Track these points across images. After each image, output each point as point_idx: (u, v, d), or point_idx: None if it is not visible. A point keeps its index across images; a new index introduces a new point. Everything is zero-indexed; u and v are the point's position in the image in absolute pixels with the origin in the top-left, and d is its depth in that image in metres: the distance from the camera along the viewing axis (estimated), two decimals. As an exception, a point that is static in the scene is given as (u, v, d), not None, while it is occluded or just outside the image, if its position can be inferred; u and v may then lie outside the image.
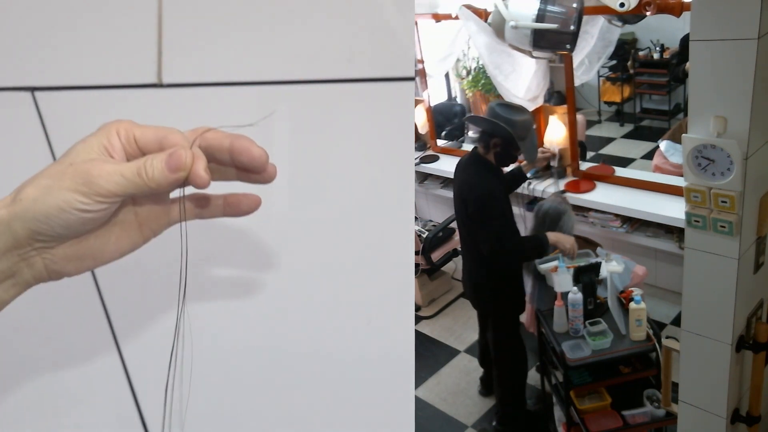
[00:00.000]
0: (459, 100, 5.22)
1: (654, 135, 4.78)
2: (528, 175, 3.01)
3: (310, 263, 0.84)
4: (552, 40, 2.49)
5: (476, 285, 2.66)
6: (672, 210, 2.88)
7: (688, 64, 1.41)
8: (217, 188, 0.51)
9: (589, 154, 4.70)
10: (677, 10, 2.24)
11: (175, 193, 0.50)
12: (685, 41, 1.30)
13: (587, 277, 2.39)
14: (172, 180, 0.44)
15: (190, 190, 0.49)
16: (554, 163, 3.22)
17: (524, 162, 2.75)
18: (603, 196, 3.20)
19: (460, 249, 2.99)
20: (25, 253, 0.44)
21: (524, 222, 3.29)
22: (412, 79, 0.82)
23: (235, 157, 0.47)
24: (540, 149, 2.86)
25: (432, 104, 4.23)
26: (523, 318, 2.89)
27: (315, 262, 0.84)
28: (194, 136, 0.47)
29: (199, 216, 0.51)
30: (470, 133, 2.55)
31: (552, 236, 2.47)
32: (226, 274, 0.84)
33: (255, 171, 0.48)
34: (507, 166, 2.56)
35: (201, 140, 0.47)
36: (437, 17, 3.53)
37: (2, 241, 0.42)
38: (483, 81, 5.02)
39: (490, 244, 2.37)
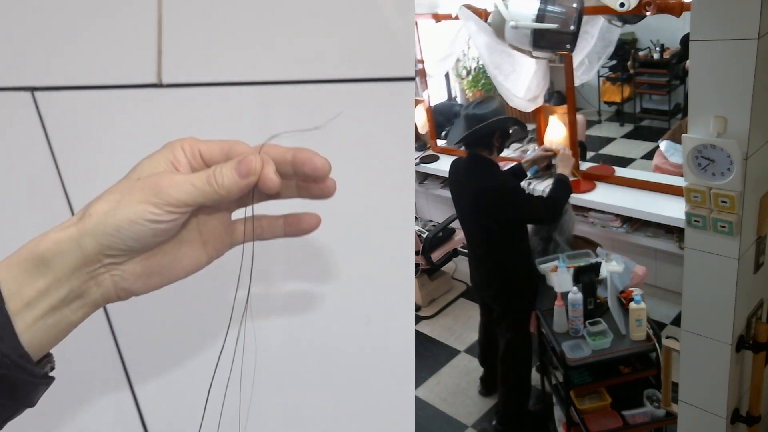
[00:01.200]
0: (459, 100, 5.22)
1: (654, 135, 4.78)
2: (528, 174, 3.02)
3: (309, 263, 0.84)
4: (552, 40, 2.49)
5: (496, 284, 2.68)
6: (672, 210, 2.88)
7: (688, 61, 1.41)
8: (276, 209, 0.52)
9: (589, 154, 4.70)
10: (677, 10, 2.24)
11: (238, 214, 0.51)
12: (686, 40, 1.30)
13: (587, 277, 2.39)
14: (243, 186, 0.44)
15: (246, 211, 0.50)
16: (556, 162, 3.23)
17: (524, 159, 2.79)
18: (603, 196, 3.20)
19: (462, 249, 3.00)
20: (94, 270, 0.43)
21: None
22: (412, 79, 0.82)
23: (298, 168, 0.47)
24: (542, 147, 2.87)
25: (432, 104, 4.23)
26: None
27: (315, 262, 0.84)
28: (257, 149, 0.48)
29: (259, 237, 0.52)
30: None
31: (561, 169, 2.68)
32: (224, 273, 0.84)
33: (318, 181, 0.49)
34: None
35: (264, 153, 0.47)
36: (437, 17, 3.53)
37: (72, 258, 0.42)
38: (483, 81, 5.02)
39: (544, 213, 2.55)
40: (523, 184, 3.14)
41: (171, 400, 0.86)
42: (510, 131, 2.59)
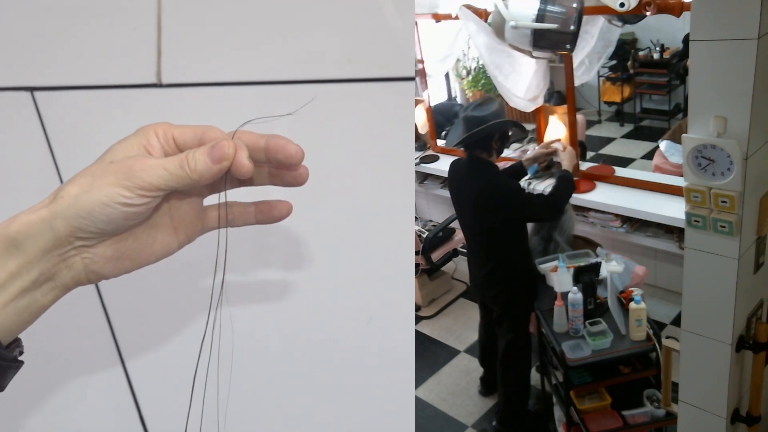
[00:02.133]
0: (459, 100, 5.22)
1: (654, 135, 4.78)
2: (528, 174, 3.02)
3: (310, 263, 0.84)
4: (552, 40, 2.49)
5: (496, 285, 2.68)
6: (672, 210, 2.88)
7: (688, 60, 1.41)
8: (247, 196, 0.52)
9: (589, 154, 4.70)
10: (677, 10, 2.24)
11: (211, 201, 0.51)
12: (687, 39, 1.30)
13: (587, 277, 2.38)
14: (215, 171, 0.45)
15: (215, 198, 0.50)
16: (557, 159, 3.23)
17: (525, 157, 2.78)
18: (603, 196, 3.20)
19: (462, 249, 3.00)
20: (65, 253, 0.44)
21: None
22: (412, 79, 0.82)
23: (271, 155, 0.47)
24: (542, 144, 2.87)
25: (432, 104, 4.23)
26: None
27: (315, 262, 0.84)
28: (230, 135, 0.48)
29: (231, 223, 0.52)
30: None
31: (566, 165, 2.64)
32: (226, 274, 0.84)
33: (291, 168, 0.49)
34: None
35: (237, 138, 0.47)
36: (437, 17, 3.53)
37: (43, 240, 0.42)
38: (483, 81, 5.03)
39: (545, 212, 2.53)
40: (523, 184, 3.14)
41: (163, 383, 0.86)
42: (509, 133, 2.59)
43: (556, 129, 3.36)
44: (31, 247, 0.42)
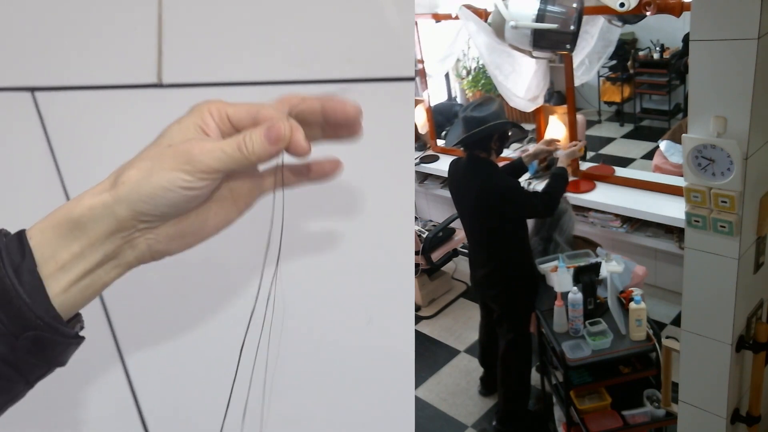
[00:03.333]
0: (459, 100, 5.22)
1: (654, 135, 4.78)
2: (528, 173, 3.02)
3: (310, 263, 0.84)
4: (552, 40, 2.49)
5: (497, 284, 2.68)
6: (672, 210, 2.88)
7: (688, 57, 1.42)
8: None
9: (589, 154, 4.70)
10: (677, 10, 2.24)
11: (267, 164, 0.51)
12: (687, 39, 1.30)
13: (587, 277, 2.38)
14: (272, 152, 0.45)
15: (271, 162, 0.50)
16: (558, 155, 3.23)
17: (525, 154, 2.78)
18: (603, 196, 3.20)
19: (462, 249, 3.00)
20: (129, 235, 0.44)
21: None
22: (412, 79, 0.82)
23: (330, 117, 0.48)
24: (543, 140, 2.87)
25: (432, 104, 4.23)
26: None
27: (315, 261, 0.84)
28: (284, 107, 0.48)
29: (287, 185, 0.52)
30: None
31: (563, 161, 2.63)
32: (225, 274, 0.84)
33: (350, 127, 0.50)
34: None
35: (292, 109, 0.48)
36: (437, 17, 3.53)
37: (107, 224, 0.43)
38: (483, 81, 5.03)
39: (541, 209, 2.53)
40: (523, 183, 3.14)
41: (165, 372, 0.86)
42: (509, 134, 2.59)
43: (556, 129, 3.36)
44: (95, 230, 0.43)
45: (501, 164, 2.65)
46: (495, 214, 2.51)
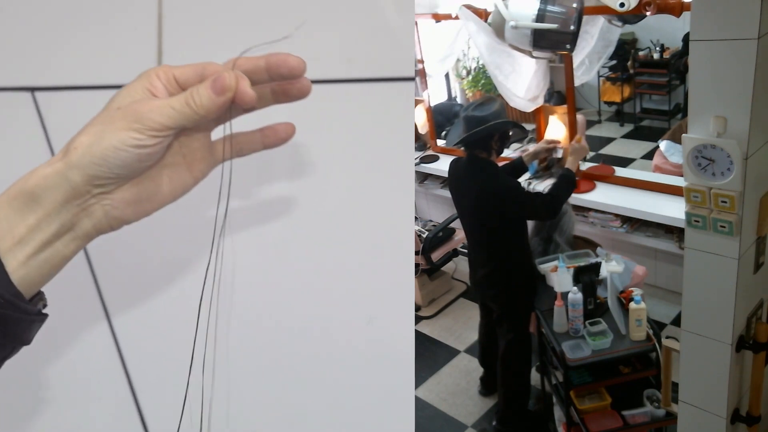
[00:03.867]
0: (459, 100, 5.22)
1: (654, 135, 4.78)
2: (528, 174, 3.01)
3: (310, 263, 0.84)
4: (552, 40, 2.49)
5: (497, 285, 2.68)
6: (672, 210, 2.88)
7: (688, 57, 1.42)
8: (253, 124, 0.53)
9: (589, 154, 4.70)
10: (677, 10, 2.24)
11: (218, 134, 0.52)
12: (687, 39, 1.30)
13: (587, 277, 2.38)
14: (220, 103, 0.45)
15: (221, 130, 0.51)
16: (557, 155, 3.23)
17: (525, 153, 2.78)
18: (603, 196, 3.20)
19: (462, 249, 3.00)
20: (84, 201, 0.44)
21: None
22: (412, 79, 0.82)
23: (274, 71, 0.49)
24: (544, 140, 2.87)
25: (432, 104, 4.23)
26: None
27: (315, 261, 0.84)
28: (229, 65, 0.49)
29: (239, 153, 0.53)
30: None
31: (571, 163, 2.61)
32: (226, 275, 0.84)
33: (294, 81, 0.50)
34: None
35: (237, 67, 0.48)
36: (437, 17, 3.53)
37: (61, 191, 0.43)
38: (483, 81, 5.03)
39: (543, 210, 2.51)
40: (523, 183, 3.14)
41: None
42: (509, 134, 2.59)
43: (556, 129, 3.36)
44: (50, 199, 0.43)
45: (501, 164, 2.65)
46: (495, 215, 2.51)
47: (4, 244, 0.42)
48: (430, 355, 3.46)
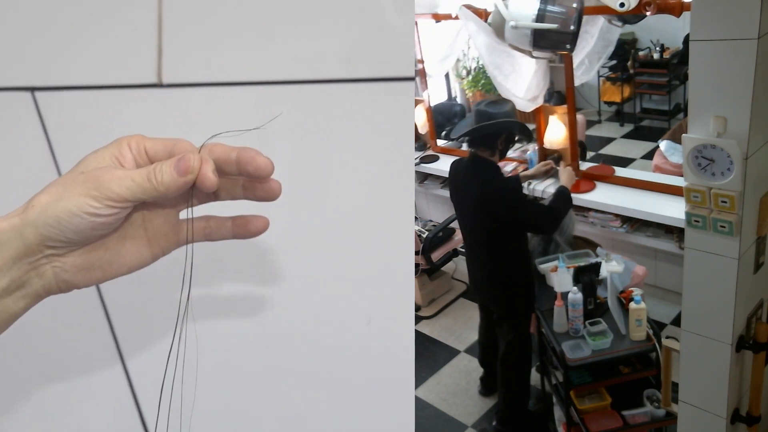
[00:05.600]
0: (459, 100, 5.22)
1: (654, 135, 4.78)
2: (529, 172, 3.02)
3: (310, 263, 0.84)
4: (552, 40, 2.49)
5: (497, 286, 2.68)
6: (672, 210, 2.88)
7: (688, 68, 1.42)
8: (225, 211, 0.52)
9: (589, 154, 4.70)
10: (677, 10, 2.24)
11: (185, 215, 0.51)
12: (688, 40, 1.30)
13: (587, 277, 2.38)
14: (181, 183, 0.45)
15: (198, 212, 0.51)
16: (559, 174, 3.25)
17: (523, 174, 2.82)
18: (603, 196, 3.19)
19: (462, 249, 2.99)
20: (36, 261, 0.44)
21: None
22: (412, 79, 0.82)
23: (242, 167, 0.47)
24: (542, 163, 2.89)
25: (432, 104, 4.23)
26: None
27: (315, 262, 0.84)
28: (205, 149, 0.48)
29: (208, 237, 0.52)
30: (465, 144, 2.60)
31: (564, 182, 2.68)
32: (226, 275, 0.84)
33: (261, 181, 0.49)
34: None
35: (209, 153, 0.48)
36: (437, 17, 3.53)
37: (14, 247, 0.43)
38: (483, 81, 5.02)
39: (543, 220, 2.54)
40: (524, 184, 3.14)
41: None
42: (516, 138, 2.60)
43: (556, 129, 3.36)
44: (2, 254, 0.43)
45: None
46: (495, 215, 2.51)
47: None
48: (430, 355, 3.46)
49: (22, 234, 0.43)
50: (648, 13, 2.26)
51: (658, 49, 5.17)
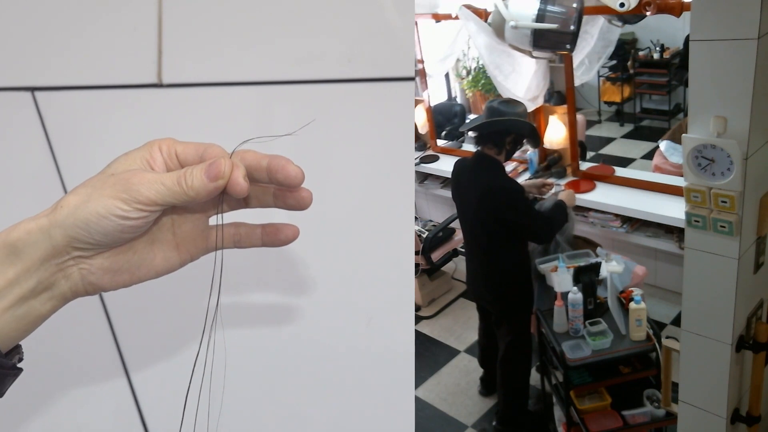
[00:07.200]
0: (459, 100, 5.23)
1: (654, 135, 4.78)
2: (528, 174, 3.02)
3: (310, 263, 0.84)
4: (552, 40, 2.49)
5: (495, 287, 2.67)
6: (672, 210, 2.88)
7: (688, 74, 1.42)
8: (256, 219, 0.52)
9: (589, 154, 4.70)
10: (677, 10, 2.24)
11: (215, 221, 0.50)
12: (688, 41, 1.30)
13: (587, 277, 2.38)
14: (211, 188, 0.44)
15: (228, 219, 0.50)
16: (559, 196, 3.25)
17: (525, 182, 2.82)
18: (603, 196, 3.19)
19: (462, 249, 2.99)
20: (63, 262, 0.44)
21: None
22: (412, 79, 0.82)
23: (272, 175, 0.47)
24: (540, 180, 2.90)
25: (432, 104, 4.23)
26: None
27: (315, 262, 0.84)
28: (237, 154, 0.48)
29: (237, 244, 0.52)
30: (470, 134, 2.58)
31: (562, 196, 2.67)
32: (225, 275, 0.84)
33: (291, 190, 0.49)
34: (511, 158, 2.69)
35: (240, 159, 0.47)
36: (437, 17, 3.53)
37: (42, 248, 0.43)
38: (483, 81, 5.03)
39: (541, 228, 2.52)
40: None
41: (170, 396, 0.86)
42: (523, 140, 2.59)
43: (556, 129, 3.36)
44: (30, 255, 0.43)
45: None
46: (496, 214, 2.50)
47: None
48: (430, 355, 3.46)
49: (50, 235, 0.42)
50: (648, 13, 2.26)
51: (658, 49, 5.17)
